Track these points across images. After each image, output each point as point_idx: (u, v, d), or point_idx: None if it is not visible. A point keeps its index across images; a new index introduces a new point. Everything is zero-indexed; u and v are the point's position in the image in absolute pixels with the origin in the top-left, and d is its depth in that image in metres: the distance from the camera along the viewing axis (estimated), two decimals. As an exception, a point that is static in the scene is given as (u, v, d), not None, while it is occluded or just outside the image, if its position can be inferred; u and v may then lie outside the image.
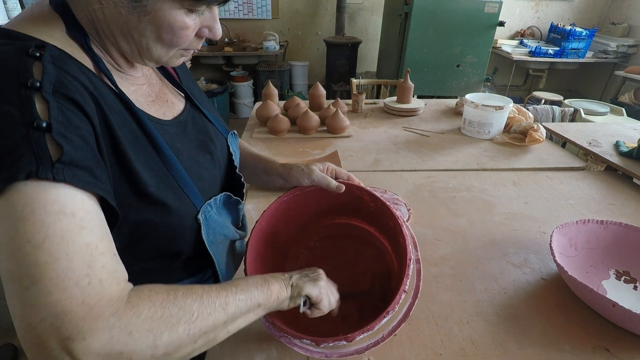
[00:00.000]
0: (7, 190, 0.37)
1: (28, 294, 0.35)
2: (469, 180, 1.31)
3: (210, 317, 0.44)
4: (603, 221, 0.93)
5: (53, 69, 0.42)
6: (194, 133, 0.65)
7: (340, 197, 0.74)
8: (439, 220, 1.09)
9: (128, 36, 0.50)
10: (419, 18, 2.91)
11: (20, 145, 0.37)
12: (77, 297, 0.36)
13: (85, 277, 0.37)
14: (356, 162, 1.43)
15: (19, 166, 0.37)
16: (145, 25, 0.48)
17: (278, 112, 1.70)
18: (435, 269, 0.90)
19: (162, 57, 0.54)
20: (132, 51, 0.52)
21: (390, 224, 0.75)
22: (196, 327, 0.42)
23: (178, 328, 0.41)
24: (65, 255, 0.37)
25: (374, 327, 0.57)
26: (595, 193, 1.24)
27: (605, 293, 0.84)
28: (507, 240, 1.00)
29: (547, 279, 0.87)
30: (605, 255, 0.92)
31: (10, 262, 0.36)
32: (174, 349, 0.40)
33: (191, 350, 0.43)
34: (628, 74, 3.64)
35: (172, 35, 0.50)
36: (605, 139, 1.56)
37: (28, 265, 0.36)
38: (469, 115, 1.67)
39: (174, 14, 0.48)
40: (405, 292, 0.61)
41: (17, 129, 0.38)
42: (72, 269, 0.37)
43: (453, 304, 0.80)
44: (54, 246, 0.37)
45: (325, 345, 0.57)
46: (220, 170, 0.68)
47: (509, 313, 0.77)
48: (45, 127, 0.39)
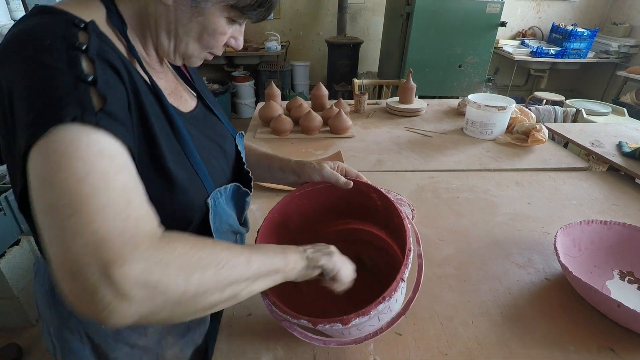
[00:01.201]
0: (52, 131, 0.39)
1: (70, 222, 0.37)
2: (471, 180, 1.32)
3: (235, 269, 0.45)
4: (607, 221, 0.93)
5: (96, 38, 0.47)
6: (205, 128, 0.67)
7: (349, 196, 0.76)
8: (442, 221, 1.09)
9: (172, 32, 0.55)
10: (420, 18, 2.91)
11: (68, 94, 0.41)
12: (117, 228, 0.38)
13: (123, 212, 0.39)
14: (359, 163, 1.44)
15: (65, 111, 0.40)
16: (193, 25, 0.54)
17: (281, 113, 1.70)
18: (439, 269, 0.90)
19: (193, 56, 0.59)
20: (169, 46, 0.57)
21: (396, 220, 0.76)
22: (223, 275, 0.43)
23: (208, 271, 0.42)
24: (105, 191, 0.39)
25: (369, 311, 0.56)
26: (598, 193, 1.25)
27: (609, 293, 0.84)
28: (511, 241, 1.01)
29: (551, 279, 0.87)
30: (609, 255, 0.92)
31: (52, 193, 0.38)
32: (203, 291, 0.41)
33: (218, 298, 0.44)
34: (630, 74, 3.64)
35: (211, 38, 0.56)
36: (608, 140, 1.56)
37: (71, 196, 0.37)
38: (472, 115, 1.68)
39: (220, 20, 0.55)
40: (403, 281, 0.60)
41: (65, 81, 0.41)
42: (112, 204, 0.39)
43: (457, 304, 0.80)
44: (95, 181, 0.39)
45: (322, 326, 0.56)
46: (229, 164, 0.71)
47: (513, 313, 0.78)
48: (91, 80, 0.42)
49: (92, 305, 0.35)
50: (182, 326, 0.70)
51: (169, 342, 0.69)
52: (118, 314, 0.36)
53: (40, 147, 0.39)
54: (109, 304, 0.35)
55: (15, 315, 1.70)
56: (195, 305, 0.42)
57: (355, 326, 0.58)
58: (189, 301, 0.40)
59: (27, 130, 0.40)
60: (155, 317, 0.39)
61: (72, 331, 0.63)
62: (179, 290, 0.39)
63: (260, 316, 0.76)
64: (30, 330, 1.73)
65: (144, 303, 0.37)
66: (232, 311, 0.77)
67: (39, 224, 0.38)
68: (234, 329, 0.73)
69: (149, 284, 0.37)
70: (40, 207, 0.38)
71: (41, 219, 0.38)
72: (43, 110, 0.40)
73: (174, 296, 0.39)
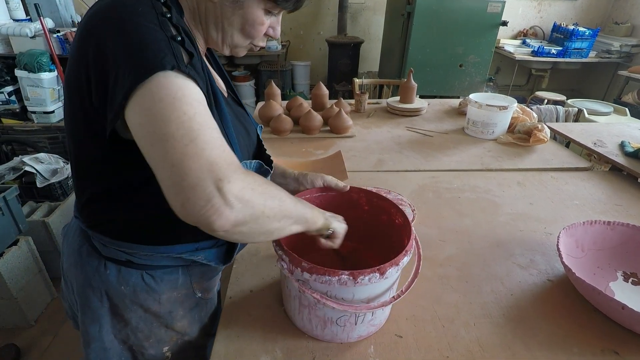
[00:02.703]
0: (158, 75, 0.47)
1: (189, 148, 0.46)
2: (473, 180, 1.31)
3: (290, 206, 0.57)
4: (610, 222, 0.92)
5: (175, 11, 0.55)
6: (235, 111, 0.75)
7: (340, 205, 0.83)
8: (444, 221, 1.08)
9: (219, 25, 0.63)
10: (421, 17, 2.90)
11: (165, 48, 0.49)
12: (222, 155, 0.48)
13: (222, 145, 0.50)
14: (359, 162, 1.43)
15: (165, 60, 0.48)
16: (235, 18, 0.61)
17: (281, 112, 1.69)
18: (441, 269, 0.89)
19: (238, 45, 0.67)
20: (217, 37, 0.64)
21: (384, 218, 0.81)
22: (283, 207, 0.55)
23: (275, 201, 0.54)
24: (208, 128, 0.49)
25: (398, 261, 0.63)
26: (601, 194, 1.24)
27: (612, 295, 0.83)
28: (513, 241, 1.00)
29: (554, 280, 0.86)
30: (613, 256, 0.91)
31: (170, 126, 0.46)
32: (272, 215, 0.53)
33: (277, 226, 0.55)
34: (631, 74, 3.62)
35: (252, 29, 0.63)
36: (610, 139, 1.55)
37: (186, 129, 0.46)
38: (473, 115, 1.66)
39: (258, 12, 0.62)
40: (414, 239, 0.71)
41: (160, 38, 0.49)
42: (215, 138, 0.49)
43: (459, 305, 0.79)
44: (201, 120, 0.48)
45: (362, 278, 0.60)
46: (251, 146, 0.77)
47: (515, 315, 0.77)
48: (180, 40, 0.51)
49: (206, 210, 0.46)
50: (192, 300, 0.76)
51: (178, 314, 0.74)
52: (223, 217, 0.46)
53: (151, 89, 0.47)
54: (218, 209, 0.46)
55: (14, 315, 1.69)
56: (264, 225, 0.52)
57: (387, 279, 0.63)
58: (263, 221, 0.52)
59: (129, 75, 0.47)
60: (242, 227, 0.49)
61: (94, 289, 0.69)
62: (260, 209, 0.51)
63: (258, 318, 0.75)
64: (28, 331, 1.72)
65: (240, 212, 0.48)
66: (230, 312, 0.76)
67: (148, 153, 0.48)
68: (232, 331, 0.72)
69: (244, 199, 0.48)
70: (155, 138, 0.47)
71: (155, 148, 0.47)
72: (145, 59, 0.47)
73: (256, 212, 0.50)
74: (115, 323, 0.71)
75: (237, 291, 0.82)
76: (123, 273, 0.68)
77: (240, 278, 0.86)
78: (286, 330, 0.73)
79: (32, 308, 1.74)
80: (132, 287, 0.68)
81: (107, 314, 0.70)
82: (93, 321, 0.70)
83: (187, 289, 0.73)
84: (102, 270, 0.68)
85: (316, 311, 0.67)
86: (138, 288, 0.68)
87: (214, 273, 0.79)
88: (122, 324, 0.71)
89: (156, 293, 0.70)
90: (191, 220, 0.47)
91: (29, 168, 1.87)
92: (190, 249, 0.68)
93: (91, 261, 0.68)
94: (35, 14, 2.46)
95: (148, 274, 0.69)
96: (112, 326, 0.71)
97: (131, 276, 0.68)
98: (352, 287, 0.62)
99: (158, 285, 0.69)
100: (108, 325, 0.70)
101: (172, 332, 0.74)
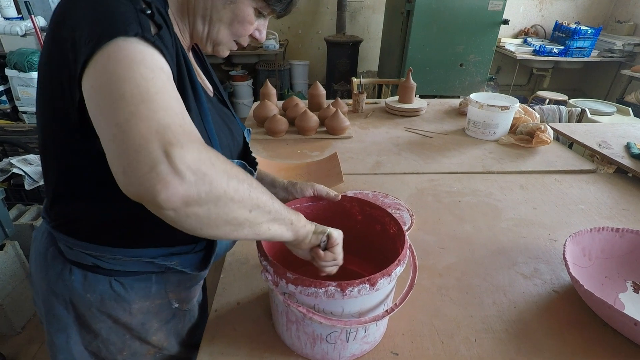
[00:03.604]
0: (119, 40, 0.43)
1: (139, 108, 0.41)
2: (474, 183, 1.26)
3: (263, 197, 0.50)
4: (618, 229, 0.87)
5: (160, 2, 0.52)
6: (219, 111, 0.72)
7: (332, 216, 0.80)
8: (444, 227, 1.03)
9: (207, 17, 0.60)
10: (421, 16, 2.85)
11: (131, 18, 0.45)
12: (178, 122, 0.43)
13: (182, 114, 0.45)
14: (356, 165, 1.38)
15: (129, 27, 0.45)
16: (226, 12, 0.60)
17: (276, 113, 1.65)
18: (440, 279, 0.84)
19: (222, 43, 0.64)
20: (202, 31, 0.62)
21: (378, 228, 0.76)
22: (254, 194, 0.48)
23: (243, 184, 0.46)
24: (167, 94, 0.44)
25: (390, 271, 0.58)
26: (607, 197, 1.19)
27: (622, 307, 0.78)
28: (516, 249, 0.95)
29: (560, 291, 0.81)
30: (622, 265, 0.86)
31: (124, 85, 0.42)
32: (238, 198, 0.45)
33: (245, 216, 0.47)
34: (634, 73, 3.57)
35: (240, 26, 0.62)
36: (615, 140, 1.50)
37: (140, 89, 0.42)
38: (474, 115, 1.61)
39: (249, 10, 0.60)
40: (409, 248, 0.67)
41: (128, 11, 0.46)
42: (173, 105, 0.44)
43: (459, 319, 0.74)
44: (160, 85, 0.44)
45: (350, 290, 0.56)
46: (236, 147, 0.73)
47: (519, 329, 0.72)
48: (149, 14, 0.48)
49: (149, 178, 0.39)
50: (167, 311, 0.70)
51: (153, 327, 0.69)
52: (170, 189, 0.39)
53: (109, 51, 0.43)
54: (164, 177, 0.39)
55: (0, 323, 1.64)
56: (228, 211, 0.45)
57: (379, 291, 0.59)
58: (226, 204, 0.44)
59: (89, 43, 0.43)
60: (197, 207, 0.42)
61: (57, 297, 0.64)
62: (221, 188, 0.43)
63: (245, 333, 0.70)
64: (15, 339, 1.67)
65: (192, 186, 0.41)
66: (215, 326, 0.72)
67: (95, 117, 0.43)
68: (216, 348, 0.67)
69: (199, 171, 0.41)
70: (104, 99, 0.42)
71: (102, 109, 0.42)
72: (108, 26, 0.44)
73: (216, 191, 0.43)
74: (85, 334, 0.66)
75: (224, 303, 0.77)
76: (90, 279, 0.63)
77: (227, 289, 0.81)
78: (274, 348, 0.68)
79: (18, 315, 1.69)
80: (100, 295, 0.63)
81: (74, 324, 0.65)
82: (59, 330, 0.65)
83: (161, 298, 0.68)
84: (67, 276, 0.63)
85: (304, 327, 0.62)
86: (106, 296, 0.63)
87: (193, 282, 0.74)
88: (92, 335, 0.66)
89: (126, 302, 0.64)
90: (133, 192, 0.41)
91: (17, 170, 1.82)
92: (163, 254, 0.63)
93: (55, 265, 0.63)
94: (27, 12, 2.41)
95: (117, 281, 0.63)
96: (81, 337, 0.66)
97: (98, 283, 0.63)
98: (341, 300, 0.57)
99: (128, 294, 0.64)
100: (77, 336, 0.66)
101: (147, 346, 0.69)
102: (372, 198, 1.13)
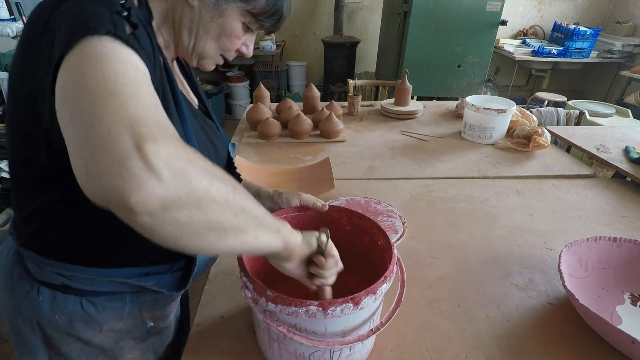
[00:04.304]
0: (89, 38, 0.40)
1: (107, 98, 0.36)
2: (469, 189, 1.23)
3: (248, 201, 0.44)
4: (616, 238, 0.84)
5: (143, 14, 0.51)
6: (203, 124, 0.69)
7: (319, 226, 0.74)
8: (437, 235, 1.00)
9: (193, 31, 0.59)
10: (418, 16, 2.82)
11: (104, 17, 0.43)
12: (150, 115, 0.38)
13: (156, 109, 0.40)
14: (349, 169, 1.35)
15: (101, 26, 0.41)
16: (213, 26, 0.58)
17: (269, 116, 1.62)
18: (431, 291, 0.82)
19: (207, 56, 0.62)
20: (188, 44, 0.60)
21: (367, 239, 0.74)
22: (238, 197, 0.42)
23: (226, 185, 0.41)
24: (140, 87, 0.40)
25: (375, 289, 0.56)
26: (605, 204, 1.16)
27: (620, 321, 0.76)
28: (511, 258, 0.92)
29: (555, 303, 0.78)
30: (619, 276, 0.83)
31: (90, 80, 0.37)
32: (222, 199, 0.39)
33: (230, 221, 0.41)
34: (634, 74, 3.53)
35: (227, 40, 0.61)
36: (614, 144, 1.47)
37: (108, 80, 0.37)
38: (470, 118, 1.59)
39: (237, 25, 0.60)
40: (397, 263, 0.64)
41: (102, 12, 0.43)
42: (146, 98, 0.40)
43: (450, 334, 0.71)
44: (131, 78, 0.40)
45: (332, 309, 0.52)
46: (219, 163, 0.70)
47: (512, 345, 0.69)
48: (125, 15, 0.45)
49: (119, 177, 0.33)
50: (142, 330, 0.67)
51: (127, 346, 0.66)
52: (144, 190, 0.33)
53: (79, 50, 0.39)
54: (137, 176, 0.33)
55: (-11, 329, 1.62)
56: (212, 215, 0.38)
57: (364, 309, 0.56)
58: (208, 206, 0.38)
59: (62, 45, 0.40)
60: (177, 211, 0.36)
61: (24, 318, 0.61)
62: (203, 188, 0.37)
63: (227, 350, 0.68)
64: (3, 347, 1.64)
65: (170, 186, 0.34)
66: (196, 341, 0.69)
67: (60, 114, 0.38)
68: (196, 366, 0.65)
69: (177, 168, 0.35)
70: (70, 94, 0.38)
71: (67, 106, 0.38)
72: (81, 26, 0.41)
73: (197, 191, 0.36)
74: (54, 357, 0.63)
75: (206, 317, 0.75)
76: (58, 299, 0.59)
77: (210, 301, 0.78)
78: (256, 365, 0.65)
79: (8, 321, 1.66)
80: (68, 316, 0.59)
81: (42, 346, 0.62)
82: (27, 353, 0.62)
83: (135, 318, 0.65)
84: (34, 297, 0.59)
85: (286, 345, 0.59)
86: (75, 317, 0.60)
87: (170, 300, 0.71)
88: (62, 359, 0.63)
89: (96, 323, 0.61)
90: (99, 196, 0.34)
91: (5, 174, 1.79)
92: (138, 273, 0.60)
93: (22, 285, 0.60)
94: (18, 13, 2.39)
95: (89, 301, 0.60)
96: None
97: (68, 303, 0.59)
98: (323, 320, 0.54)
99: (100, 315, 0.61)
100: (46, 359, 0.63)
101: None
102: (364, 205, 1.10)
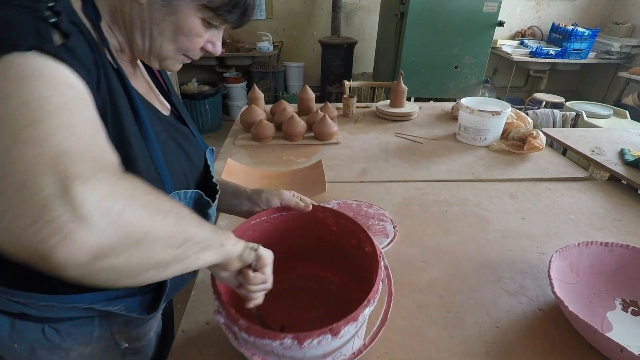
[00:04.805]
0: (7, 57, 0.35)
1: (25, 132, 0.31)
2: (462, 192, 1.22)
3: (192, 225, 0.41)
4: (608, 243, 0.83)
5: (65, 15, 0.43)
6: (174, 132, 0.64)
7: (304, 226, 0.75)
8: (428, 239, 0.99)
9: (146, 31, 0.53)
10: (415, 17, 2.82)
11: (27, 30, 0.38)
12: (82, 146, 0.33)
13: (90, 136, 0.35)
14: (342, 172, 1.34)
15: (21, 39, 0.37)
16: (167, 25, 0.52)
17: (263, 118, 1.61)
18: (421, 296, 0.81)
19: (168, 58, 0.57)
20: (143, 46, 0.54)
21: (354, 242, 0.72)
22: (182, 227, 0.39)
23: (169, 217, 0.37)
24: (71, 113, 0.35)
25: (357, 316, 0.52)
26: (599, 207, 1.15)
27: (610, 327, 0.75)
28: (502, 263, 0.91)
29: (545, 309, 0.78)
30: (610, 281, 0.82)
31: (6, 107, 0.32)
32: (165, 236, 0.36)
33: (172, 254, 0.38)
34: (632, 75, 3.53)
35: (186, 40, 0.54)
36: (610, 146, 1.46)
37: (30, 110, 0.33)
38: (464, 120, 1.58)
39: (195, 21, 0.53)
40: (382, 282, 0.60)
41: (26, 20, 0.38)
42: (78, 127, 0.35)
43: (439, 341, 0.71)
44: (61, 103, 0.35)
45: (309, 342, 0.49)
46: (193, 173, 0.66)
47: (501, 352, 0.68)
48: (53, 22, 0.40)
49: (40, 228, 0.28)
50: (116, 353, 0.64)
51: None
52: (72, 243, 0.29)
53: None
54: (63, 226, 0.28)
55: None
56: (153, 254, 0.36)
57: (341, 339, 0.53)
58: (150, 246, 0.35)
59: None
60: (113, 257, 0.32)
61: None
62: (143, 228, 0.34)
63: (209, 356, 0.67)
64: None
65: (105, 233, 0.30)
66: (181, 349, 0.68)
67: None
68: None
69: (113, 211, 0.31)
70: None
71: None
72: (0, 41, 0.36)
73: (136, 233, 0.33)
74: None
75: (192, 323, 0.74)
76: (17, 328, 0.55)
77: (197, 307, 0.78)
78: (240, 374, 0.64)
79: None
80: (30, 344, 0.56)
81: None
82: None
83: (106, 341, 0.62)
84: None
85: None
86: (37, 345, 0.56)
87: (147, 319, 0.66)
88: None
89: (62, 350, 0.57)
90: (16, 252, 0.29)
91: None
92: (104, 298, 0.56)
93: None
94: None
95: (51, 328, 0.56)
96: None
97: (28, 331, 0.56)
98: (299, 350, 0.51)
99: (64, 341, 0.57)
100: None
101: None
102: (355, 208, 1.10)
